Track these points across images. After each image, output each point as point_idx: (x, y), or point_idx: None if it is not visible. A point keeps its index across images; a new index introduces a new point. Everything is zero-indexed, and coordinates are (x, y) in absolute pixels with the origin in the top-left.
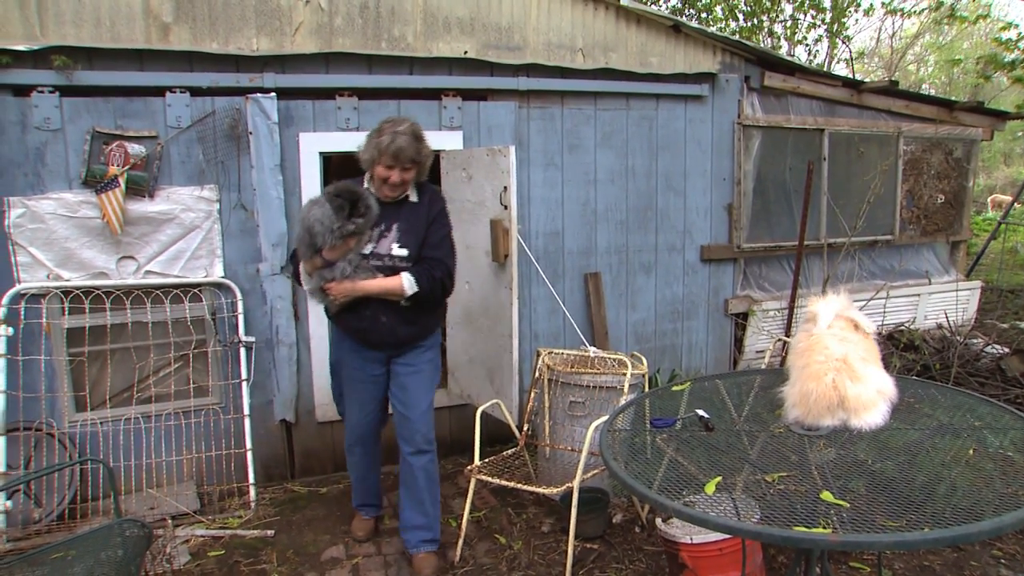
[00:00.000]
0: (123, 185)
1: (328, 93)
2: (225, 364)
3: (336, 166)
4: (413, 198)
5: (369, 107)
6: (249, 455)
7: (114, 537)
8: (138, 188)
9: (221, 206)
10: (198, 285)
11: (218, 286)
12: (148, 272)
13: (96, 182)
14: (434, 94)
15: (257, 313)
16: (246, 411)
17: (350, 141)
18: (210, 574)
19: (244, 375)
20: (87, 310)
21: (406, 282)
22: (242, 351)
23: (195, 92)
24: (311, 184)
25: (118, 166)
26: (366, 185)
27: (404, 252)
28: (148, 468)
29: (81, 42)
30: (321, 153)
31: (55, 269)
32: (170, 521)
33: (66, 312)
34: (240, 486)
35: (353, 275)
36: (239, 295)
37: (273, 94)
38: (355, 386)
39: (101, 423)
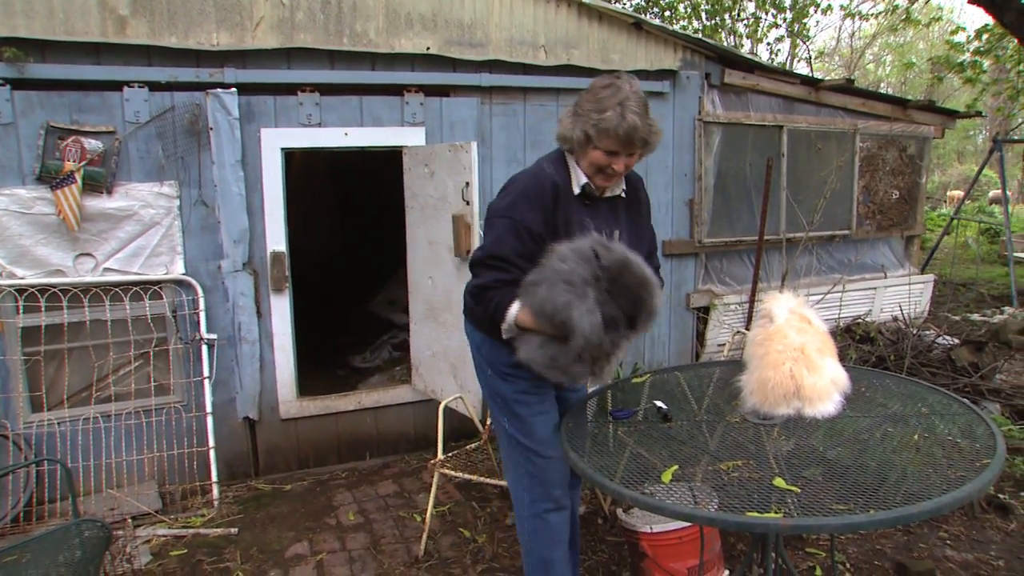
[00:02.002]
0: (80, 181)
1: (290, 89)
2: (187, 362)
3: (299, 162)
4: (624, 191)
5: (331, 103)
6: (212, 453)
7: (72, 538)
8: (95, 184)
9: (181, 202)
10: (158, 282)
11: (179, 283)
12: (107, 269)
13: (51, 178)
14: (396, 90)
15: (219, 310)
16: (208, 409)
17: (313, 137)
18: (172, 573)
19: (206, 373)
20: (43, 308)
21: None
22: (204, 348)
23: (154, 87)
24: (273, 180)
25: (74, 161)
26: (572, 172)
27: None
28: (108, 468)
29: (33, 34)
30: (283, 149)
31: (8, 267)
32: (131, 521)
33: (20, 311)
34: (203, 485)
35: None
36: (200, 292)
37: (234, 89)
38: (544, 403)
39: (59, 423)
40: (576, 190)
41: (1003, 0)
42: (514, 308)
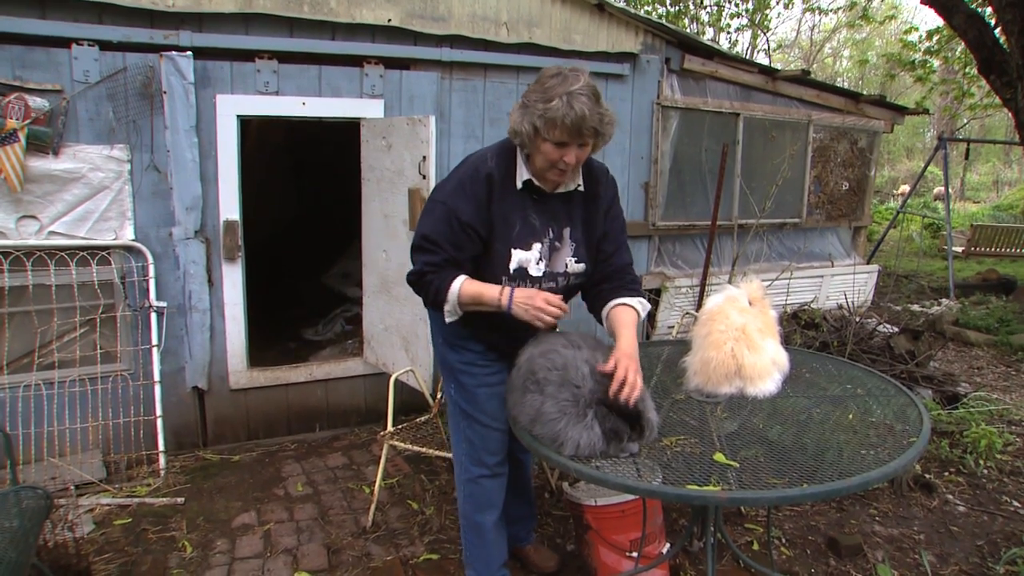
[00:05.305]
0: (23, 140)
1: (247, 55)
2: (135, 330)
3: (254, 130)
4: (580, 185)
5: (289, 71)
6: (159, 422)
7: (10, 506)
8: (41, 144)
9: (132, 167)
10: (107, 248)
11: (128, 249)
12: (52, 233)
13: None
14: (356, 61)
15: (169, 278)
16: (156, 378)
17: (270, 105)
18: (116, 542)
19: (155, 341)
20: None
21: (641, 310)
22: (153, 316)
23: (105, 46)
24: (228, 148)
25: (17, 119)
26: (518, 166)
27: (581, 268)
28: (50, 436)
29: None
30: (239, 116)
31: None
32: (73, 490)
33: None
34: (149, 454)
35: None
36: (151, 259)
37: (189, 53)
38: (494, 374)
39: None
40: (519, 184)
41: (953, 3)
42: (454, 288)
